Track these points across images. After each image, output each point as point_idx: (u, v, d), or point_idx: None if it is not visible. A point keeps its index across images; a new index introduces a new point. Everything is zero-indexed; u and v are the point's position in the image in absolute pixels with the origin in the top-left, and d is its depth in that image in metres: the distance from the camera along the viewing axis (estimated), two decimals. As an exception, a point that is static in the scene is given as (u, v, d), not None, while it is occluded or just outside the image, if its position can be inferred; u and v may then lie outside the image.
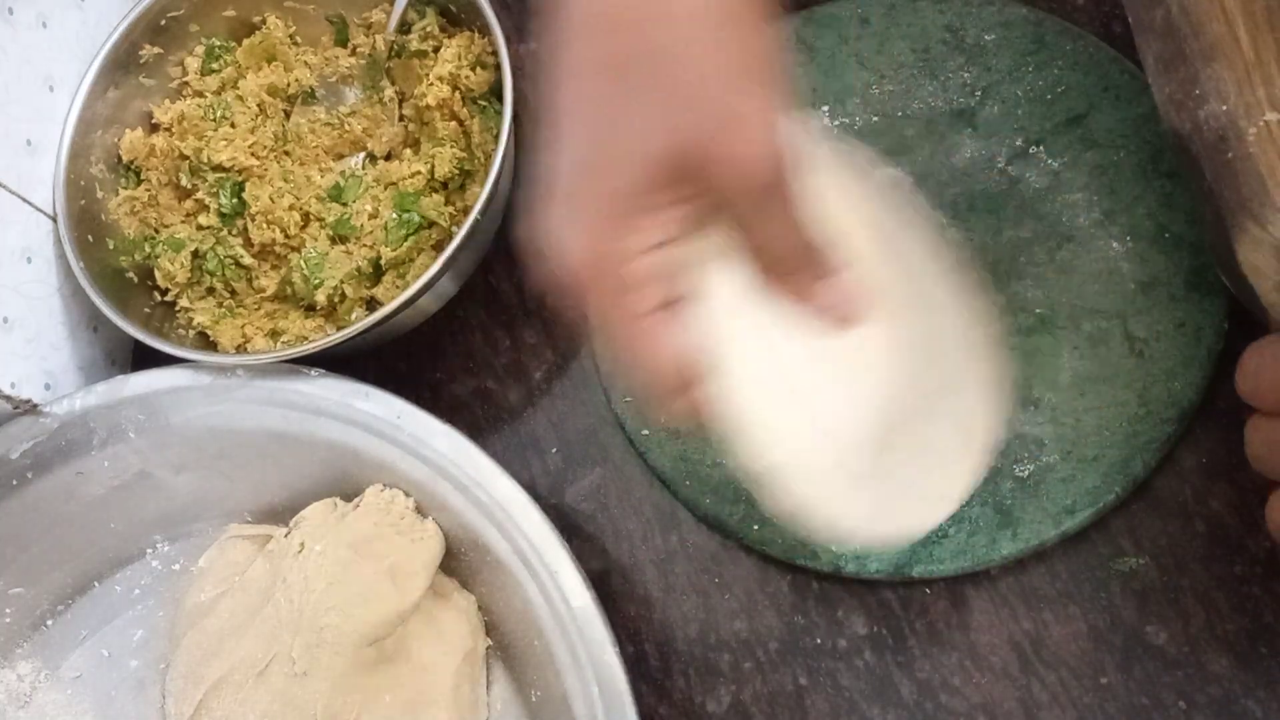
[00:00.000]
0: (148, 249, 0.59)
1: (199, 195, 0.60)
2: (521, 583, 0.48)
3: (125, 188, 0.60)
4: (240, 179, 0.60)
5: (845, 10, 0.59)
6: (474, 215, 0.52)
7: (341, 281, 0.57)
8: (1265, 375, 0.39)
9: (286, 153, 0.61)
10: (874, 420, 0.41)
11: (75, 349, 0.59)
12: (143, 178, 0.61)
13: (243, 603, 0.53)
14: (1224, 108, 0.41)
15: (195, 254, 0.59)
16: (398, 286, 0.57)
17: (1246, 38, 0.40)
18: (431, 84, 0.58)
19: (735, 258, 0.37)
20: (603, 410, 0.56)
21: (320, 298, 0.57)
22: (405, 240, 0.57)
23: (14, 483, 0.54)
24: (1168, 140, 0.45)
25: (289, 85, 0.62)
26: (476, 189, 0.57)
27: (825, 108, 0.58)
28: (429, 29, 0.60)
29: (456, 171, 0.58)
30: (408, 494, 0.52)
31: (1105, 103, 0.54)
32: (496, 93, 0.58)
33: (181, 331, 0.59)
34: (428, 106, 0.59)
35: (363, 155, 0.62)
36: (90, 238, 0.57)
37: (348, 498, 0.53)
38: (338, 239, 0.59)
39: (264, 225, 0.58)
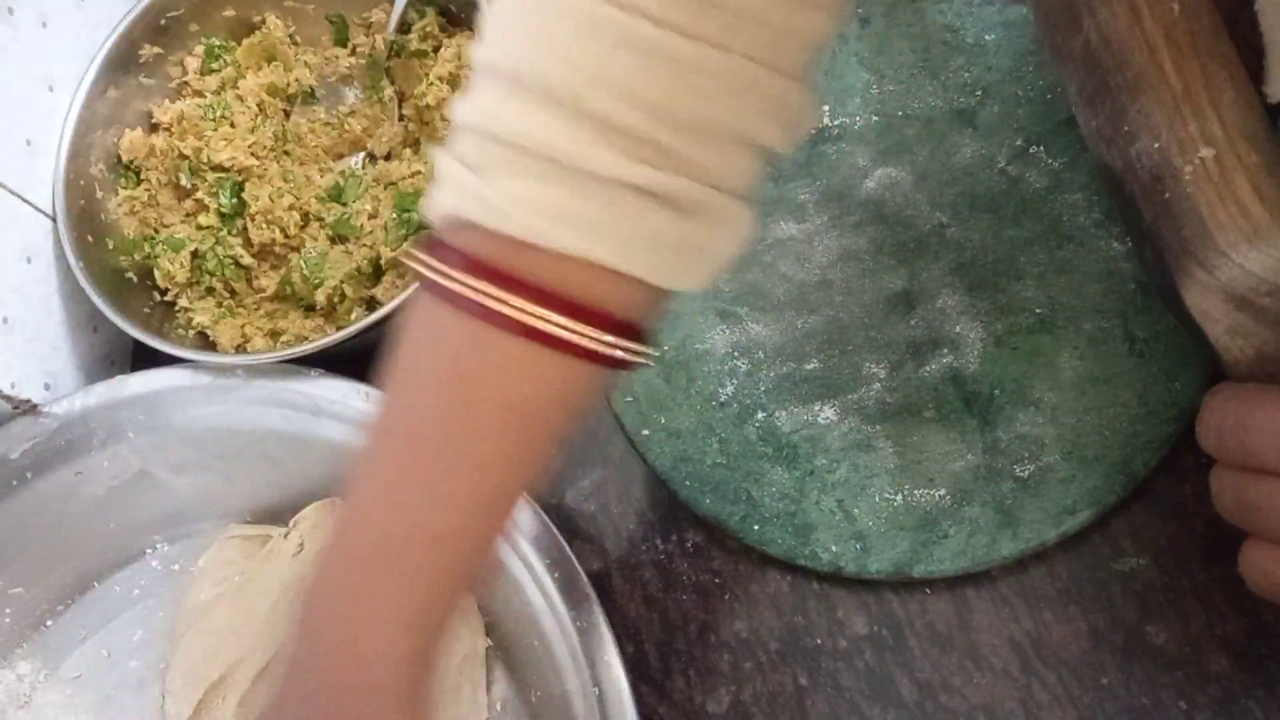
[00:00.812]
0: (147, 249, 0.59)
1: (199, 195, 0.60)
2: (521, 583, 0.48)
3: (125, 188, 0.60)
4: (240, 179, 0.59)
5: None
6: (474, 215, 0.52)
7: (341, 281, 0.57)
8: (1228, 427, 0.37)
9: (286, 153, 0.61)
10: None
11: (75, 349, 0.59)
12: (142, 178, 0.61)
13: (242, 603, 0.53)
14: (1156, 145, 0.38)
15: (195, 254, 0.59)
16: (398, 286, 0.57)
17: (1172, 67, 0.38)
18: (431, 84, 0.58)
19: None
20: (603, 410, 0.56)
21: (320, 298, 0.57)
22: (405, 240, 0.57)
23: (14, 483, 0.54)
24: (1099, 174, 0.42)
25: (289, 85, 0.62)
26: (476, 189, 0.57)
27: (825, 107, 0.58)
28: (429, 29, 0.60)
29: (456, 171, 0.58)
30: (407, 494, 0.52)
31: (1105, 102, 0.54)
32: (496, 92, 0.58)
33: (181, 331, 0.59)
34: (428, 106, 0.59)
35: (362, 155, 0.62)
36: (90, 238, 0.57)
37: (348, 498, 0.53)
38: (337, 239, 0.59)
39: (264, 225, 0.58)
